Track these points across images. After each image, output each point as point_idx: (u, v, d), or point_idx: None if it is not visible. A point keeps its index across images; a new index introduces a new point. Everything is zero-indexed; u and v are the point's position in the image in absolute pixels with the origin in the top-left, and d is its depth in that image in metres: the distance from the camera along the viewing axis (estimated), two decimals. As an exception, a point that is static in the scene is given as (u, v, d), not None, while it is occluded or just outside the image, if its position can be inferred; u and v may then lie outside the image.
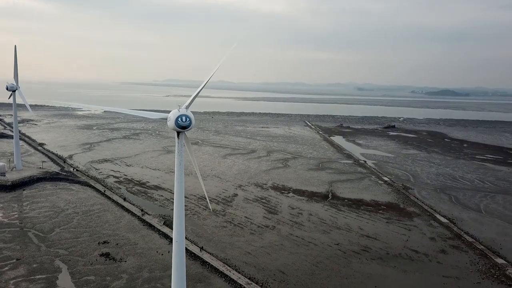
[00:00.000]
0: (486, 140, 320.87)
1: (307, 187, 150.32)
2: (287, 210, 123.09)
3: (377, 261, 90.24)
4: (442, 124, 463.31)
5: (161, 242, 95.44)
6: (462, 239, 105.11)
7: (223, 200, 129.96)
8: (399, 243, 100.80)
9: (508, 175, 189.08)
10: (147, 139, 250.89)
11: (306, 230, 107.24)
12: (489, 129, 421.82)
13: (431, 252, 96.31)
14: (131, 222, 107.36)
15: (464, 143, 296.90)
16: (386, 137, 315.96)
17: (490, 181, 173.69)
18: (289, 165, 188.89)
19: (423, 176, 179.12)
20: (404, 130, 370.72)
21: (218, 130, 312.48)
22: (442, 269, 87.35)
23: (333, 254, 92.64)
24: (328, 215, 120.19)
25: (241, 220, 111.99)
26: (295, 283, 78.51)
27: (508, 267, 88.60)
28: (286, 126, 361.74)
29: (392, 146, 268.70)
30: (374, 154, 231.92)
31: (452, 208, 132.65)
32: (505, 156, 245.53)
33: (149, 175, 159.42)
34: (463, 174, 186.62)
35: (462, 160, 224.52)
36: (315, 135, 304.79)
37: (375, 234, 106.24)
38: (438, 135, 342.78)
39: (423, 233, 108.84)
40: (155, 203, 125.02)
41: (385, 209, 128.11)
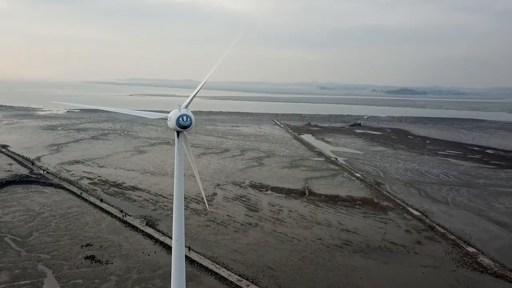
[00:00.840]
0: (446, 137, 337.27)
1: (284, 185, 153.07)
2: (268, 207, 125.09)
3: (359, 254, 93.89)
4: (404, 121, 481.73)
5: (146, 242, 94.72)
6: (434, 230, 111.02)
7: (203, 200, 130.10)
8: (378, 236, 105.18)
9: (469, 169, 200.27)
10: (116, 140, 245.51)
11: (288, 226, 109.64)
12: (447, 126, 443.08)
13: (408, 243, 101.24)
14: (112, 223, 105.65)
15: (426, 140, 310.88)
16: (353, 134, 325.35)
17: (454, 175, 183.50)
18: (264, 164, 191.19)
19: (392, 171, 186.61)
20: (370, 128, 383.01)
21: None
22: (420, 259, 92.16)
23: (317, 249, 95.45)
24: (308, 211, 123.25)
25: (224, 219, 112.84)
26: (284, 278, 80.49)
27: (479, 255, 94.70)
28: (256, 125, 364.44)
29: (360, 143, 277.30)
30: (344, 152, 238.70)
31: (422, 201, 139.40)
32: (464, 151, 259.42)
33: (124, 176, 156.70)
34: (428, 169, 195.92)
35: (426, 156, 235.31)
36: (285, 134, 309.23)
37: (354, 228, 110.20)
38: (402, 132, 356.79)
39: (399, 226, 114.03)
40: (134, 204, 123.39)
41: (361, 204, 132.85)
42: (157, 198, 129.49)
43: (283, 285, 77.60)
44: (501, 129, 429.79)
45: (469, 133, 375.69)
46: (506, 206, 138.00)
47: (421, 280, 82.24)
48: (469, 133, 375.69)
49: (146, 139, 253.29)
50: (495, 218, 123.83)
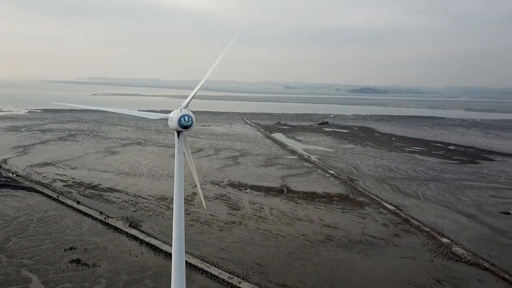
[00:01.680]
0: (410, 134, 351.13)
1: (262, 183, 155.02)
2: (249, 205, 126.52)
3: (342, 248, 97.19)
4: (369, 119, 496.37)
5: (132, 244, 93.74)
6: (410, 223, 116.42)
7: (184, 200, 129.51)
8: (358, 231, 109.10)
9: (435, 164, 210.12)
10: (85, 141, 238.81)
11: (271, 223, 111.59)
12: (409, 123, 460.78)
13: (387, 236, 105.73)
14: (94, 226, 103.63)
15: (392, 137, 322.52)
16: (322, 133, 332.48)
17: (422, 171, 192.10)
18: (240, 162, 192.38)
19: (363, 168, 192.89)
20: (337, 126, 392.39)
21: (158, 129, 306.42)
22: (399, 251, 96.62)
23: (301, 245, 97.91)
24: (288, 208, 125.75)
25: (207, 218, 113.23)
26: (273, 274, 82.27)
27: (452, 245, 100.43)
28: (227, 124, 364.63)
29: (330, 141, 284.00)
30: (316, 149, 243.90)
31: (395, 196, 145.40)
32: (428, 147, 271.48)
33: (99, 177, 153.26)
34: (397, 165, 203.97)
35: (394, 152, 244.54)
36: (257, 133, 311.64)
37: (334, 223, 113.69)
38: (368, 130, 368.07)
39: (376, 220, 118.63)
40: (114, 205, 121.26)
41: (338, 200, 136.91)
42: (137, 199, 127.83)
43: (273, 281, 79.38)
44: (459, 126, 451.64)
45: (431, 130, 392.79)
46: (472, 198, 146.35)
47: (403, 271, 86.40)
48: (431, 130, 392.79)
49: (116, 139, 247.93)
50: (463, 210, 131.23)
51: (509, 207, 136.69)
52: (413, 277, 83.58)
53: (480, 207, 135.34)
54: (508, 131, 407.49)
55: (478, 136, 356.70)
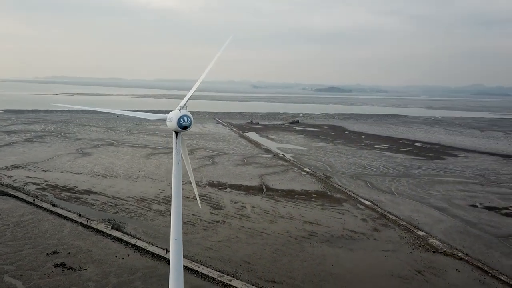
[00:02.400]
0: (378, 132, 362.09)
1: (241, 182, 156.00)
2: (230, 204, 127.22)
3: (326, 243, 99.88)
4: (337, 118, 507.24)
5: (116, 246, 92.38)
6: (387, 218, 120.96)
7: (164, 200, 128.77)
8: (338, 226, 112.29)
9: (404, 161, 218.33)
10: (54, 142, 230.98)
11: (255, 221, 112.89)
12: (376, 121, 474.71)
13: (367, 231, 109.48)
14: (75, 229, 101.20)
15: (361, 135, 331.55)
16: (294, 131, 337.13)
17: (392, 167, 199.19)
18: (217, 162, 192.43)
19: (337, 165, 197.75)
20: (308, 125, 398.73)
21: (129, 130, 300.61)
22: (380, 245, 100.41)
23: (286, 241, 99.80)
24: (269, 206, 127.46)
25: (190, 218, 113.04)
26: (262, 271, 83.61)
27: (429, 237, 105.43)
28: (198, 123, 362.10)
29: (302, 140, 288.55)
30: (289, 148, 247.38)
31: (370, 192, 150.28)
32: (396, 145, 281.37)
33: (74, 179, 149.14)
34: (369, 162, 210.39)
35: (365, 150, 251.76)
36: (230, 132, 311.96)
37: (315, 220, 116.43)
38: (338, 128, 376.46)
39: (355, 215, 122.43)
40: (93, 208, 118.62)
41: (316, 197, 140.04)
42: (116, 201, 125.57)
43: (263, 277, 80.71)
44: (422, 123, 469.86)
45: (397, 128, 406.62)
46: (442, 193, 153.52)
47: (385, 263, 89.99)
48: (397, 128, 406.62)
49: (86, 140, 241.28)
50: (435, 204, 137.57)
51: (476, 200, 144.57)
52: (395, 269, 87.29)
53: (450, 201, 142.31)
54: (468, 128, 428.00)
55: (441, 133, 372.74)
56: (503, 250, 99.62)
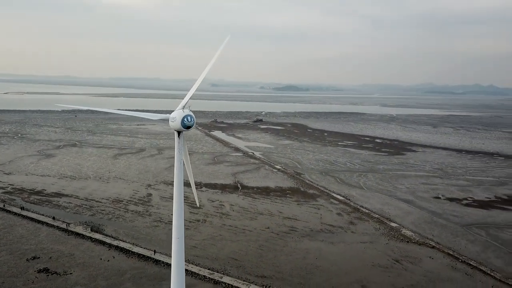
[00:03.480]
0: (339, 129, 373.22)
1: (216, 180, 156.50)
2: (209, 203, 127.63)
3: (307, 237, 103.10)
4: (298, 116, 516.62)
5: (99, 249, 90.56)
6: (360, 211, 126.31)
7: (140, 201, 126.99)
8: (316, 221, 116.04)
9: (368, 157, 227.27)
10: (12, 144, 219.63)
11: (235, 219, 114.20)
12: (336, 119, 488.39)
13: (343, 224, 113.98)
14: (52, 233, 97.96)
15: (324, 132, 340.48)
16: (259, 130, 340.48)
17: (358, 163, 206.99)
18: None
19: (306, 162, 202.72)
20: (271, 123, 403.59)
21: (91, 130, 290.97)
22: (358, 237, 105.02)
23: (269, 237, 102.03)
24: (247, 203, 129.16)
25: (170, 218, 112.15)
26: (250, 266, 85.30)
27: (401, 228, 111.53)
28: (162, 123, 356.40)
29: (268, 138, 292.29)
30: (257, 146, 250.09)
31: (340, 187, 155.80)
32: (358, 141, 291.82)
33: (41, 182, 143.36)
34: (335, 158, 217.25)
35: (329, 147, 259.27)
36: (196, 131, 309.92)
37: (293, 215, 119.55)
38: (301, 126, 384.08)
39: (330, 210, 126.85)
40: (67, 211, 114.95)
41: (291, 193, 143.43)
42: (90, 203, 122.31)
43: (252, 273, 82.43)
44: (379, 121, 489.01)
45: (356, 125, 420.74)
46: (406, 186, 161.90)
47: (365, 254, 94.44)
48: (356, 125, 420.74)
49: (47, 141, 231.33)
50: (402, 197, 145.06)
51: (438, 192, 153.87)
52: (375, 259, 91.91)
53: (415, 194, 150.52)
54: (421, 125, 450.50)
55: (398, 130, 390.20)
56: (469, 238, 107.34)
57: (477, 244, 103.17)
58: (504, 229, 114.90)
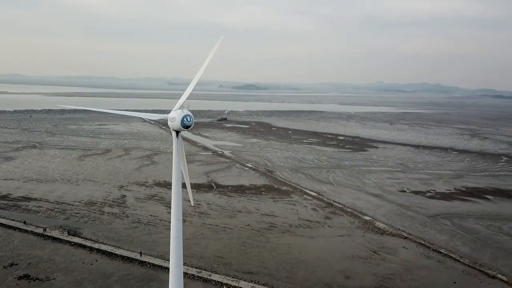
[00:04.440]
0: (302, 127, 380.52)
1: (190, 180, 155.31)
2: (185, 203, 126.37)
3: (287, 233, 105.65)
4: (261, 115, 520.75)
5: (80, 252, 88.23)
6: (334, 206, 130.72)
7: (115, 203, 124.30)
8: (294, 216, 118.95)
9: (333, 154, 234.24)
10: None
11: (215, 217, 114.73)
12: (297, 117, 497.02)
13: (320, 219, 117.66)
14: (26, 238, 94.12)
15: (288, 131, 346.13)
16: (225, 129, 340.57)
17: (325, 160, 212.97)
18: (156, 161, 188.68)
19: (275, 160, 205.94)
20: (236, 122, 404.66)
21: (50, 131, 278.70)
22: (335, 231, 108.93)
23: (250, 234, 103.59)
24: (224, 202, 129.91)
25: (149, 219, 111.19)
26: (236, 263, 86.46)
27: (374, 221, 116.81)
28: (124, 122, 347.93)
29: (235, 136, 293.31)
30: (225, 145, 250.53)
31: (312, 183, 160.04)
32: (322, 139, 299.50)
33: (5, 186, 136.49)
34: (303, 156, 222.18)
35: (295, 144, 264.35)
36: (161, 131, 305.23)
37: (271, 212, 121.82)
38: (265, 125, 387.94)
39: (305, 206, 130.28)
40: (39, 215, 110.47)
41: (265, 191, 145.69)
42: (63, 207, 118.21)
43: (239, 270, 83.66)
44: (339, 118, 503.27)
45: (318, 123, 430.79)
46: (373, 181, 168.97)
47: (344, 247, 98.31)
48: (318, 123, 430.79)
49: (3, 143, 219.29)
50: (371, 191, 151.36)
51: (403, 186, 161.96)
52: (354, 251, 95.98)
53: (382, 188, 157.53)
54: (379, 122, 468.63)
55: (358, 127, 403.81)
56: (436, 228, 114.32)
57: (444, 233, 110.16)
58: (466, 219, 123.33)
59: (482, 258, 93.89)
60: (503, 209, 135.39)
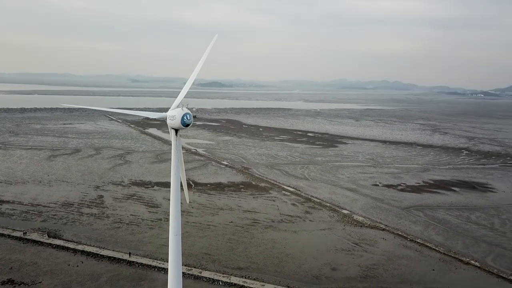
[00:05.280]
0: (272, 124, 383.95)
1: (166, 179, 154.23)
2: (166, 202, 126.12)
3: (270, 228, 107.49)
4: (230, 112, 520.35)
5: (64, 255, 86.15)
6: (312, 201, 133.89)
7: (93, 203, 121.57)
8: (275, 212, 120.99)
9: (305, 150, 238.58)
10: None
11: (197, 215, 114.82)
12: (266, 115, 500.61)
13: (301, 214, 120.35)
14: (4, 242, 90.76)
15: (259, 128, 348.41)
16: (196, 126, 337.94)
17: (298, 156, 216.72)
18: (130, 161, 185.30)
19: (250, 157, 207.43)
20: (206, 120, 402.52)
21: (12, 130, 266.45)
22: (316, 224, 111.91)
23: (235, 230, 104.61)
24: (204, 200, 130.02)
25: (131, 219, 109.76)
26: (225, 260, 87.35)
27: (353, 214, 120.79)
28: (90, 121, 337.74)
29: (207, 134, 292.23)
30: (198, 143, 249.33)
31: (288, 179, 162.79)
32: (293, 136, 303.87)
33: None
34: (276, 152, 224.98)
35: (267, 141, 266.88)
36: (130, 129, 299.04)
37: (252, 208, 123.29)
38: (235, 122, 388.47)
39: (285, 201, 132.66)
40: (13, 218, 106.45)
41: (244, 187, 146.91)
42: (38, 209, 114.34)
43: (228, 266, 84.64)
44: (306, 115, 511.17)
45: (286, 120, 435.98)
46: (347, 176, 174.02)
47: (327, 240, 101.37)
48: (286, 120, 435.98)
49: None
50: (346, 186, 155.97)
51: (375, 180, 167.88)
52: (337, 243, 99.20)
53: (356, 182, 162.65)
54: (345, 119, 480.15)
55: (326, 123, 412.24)
56: (410, 219, 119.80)
57: (418, 224, 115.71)
58: (437, 210, 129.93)
59: (455, 246, 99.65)
60: (469, 200, 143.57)
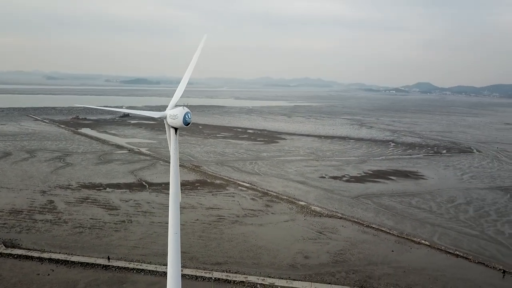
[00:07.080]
0: (210, 122, 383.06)
1: (116, 180, 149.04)
2: (123, 203, 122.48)
3: (237, 223, 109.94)
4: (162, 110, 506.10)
5: (29, 264, 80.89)
6: (269, 195, 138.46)
7: (45, 209, 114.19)
8: (237, 207, 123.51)
9: (249, 146, 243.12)
10: None
11: (161, 215, 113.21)
12: (202, 112, 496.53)
13: (262, 207, 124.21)
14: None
15: (199, 126, 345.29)
16: (132, 125, 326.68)
17: (243, 152, 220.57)
18: (72, 163, 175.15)
19: (198, 155, 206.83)
20: (140, 118, 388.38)
21: None
22: (279, 217, 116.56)
23: (203, 228, 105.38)
24: (163, 199, 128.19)
25: (91, 223, 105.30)
26: (202, 257, 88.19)
27: (310, 205, 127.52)
28: (12, 121, 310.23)
29: (145, 133, 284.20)
30: (139, 142, 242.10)
31: (241, 175, 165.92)
32: (234, 133, 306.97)
33: None
34: (222, 149, 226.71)
35: (210, 139, 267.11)
36: (60, 130, 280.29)
37: (215, 205, 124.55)
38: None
39: (243, 196, 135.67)
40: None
41: (200, 185, 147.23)
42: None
43: (207, 262, 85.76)
44: (240, 113, 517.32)
45: (223, 117, 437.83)
46: (294, 170, 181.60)
47: (293, 230, 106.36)
48: (223, 117, 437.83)
49: None
50: (295, 179, 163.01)
51: (321, 173, 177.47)
52: (302, 233, 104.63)
53: (304, 175, 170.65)
54: (277, 115, 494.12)
55: (261, 120, 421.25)
56: (361, 207, 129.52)
57: (369, 211, 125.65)
58: (381, 197, 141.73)
59: (405, 229, 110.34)
60: (406, 187, 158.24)
